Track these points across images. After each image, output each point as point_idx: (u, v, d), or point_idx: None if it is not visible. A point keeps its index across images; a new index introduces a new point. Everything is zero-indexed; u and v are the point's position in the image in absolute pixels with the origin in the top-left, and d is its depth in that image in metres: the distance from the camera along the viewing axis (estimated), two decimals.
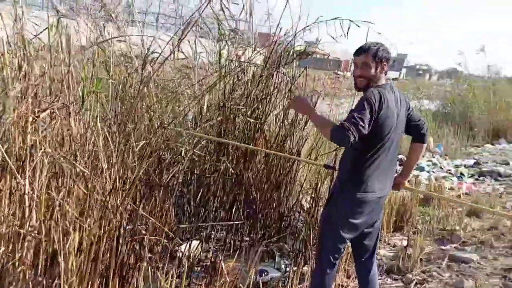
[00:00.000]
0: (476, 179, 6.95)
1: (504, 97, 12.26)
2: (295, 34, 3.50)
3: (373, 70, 2.39)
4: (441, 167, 7.55)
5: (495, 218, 4.74)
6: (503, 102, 12.17)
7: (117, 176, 2.71)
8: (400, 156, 6.24)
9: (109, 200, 2.25)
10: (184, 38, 2.45)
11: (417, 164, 5.02)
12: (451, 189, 6.05)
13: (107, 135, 2.77)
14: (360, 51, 2.42)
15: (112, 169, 2.63)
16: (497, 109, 11.91)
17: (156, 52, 2.79)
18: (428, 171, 7.03)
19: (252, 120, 3.56)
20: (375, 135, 2.31)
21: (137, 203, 3.17)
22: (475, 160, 8.21)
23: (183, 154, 3.38)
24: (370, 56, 2.39)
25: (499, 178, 6.99)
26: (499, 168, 7.45)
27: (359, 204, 2.43)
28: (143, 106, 3.36)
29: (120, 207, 2.42)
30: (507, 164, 8.08)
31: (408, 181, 2.90)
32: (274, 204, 3.84)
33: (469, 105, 11.93)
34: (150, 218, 3.06)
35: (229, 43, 3.85)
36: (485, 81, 13.21)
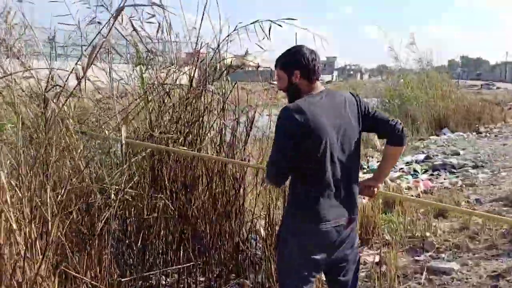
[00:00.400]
0: (431, 175, 7.14)
1: (439, 86, 12.94)
2: (218, 46, 3.38)
3: (285, 81, 2.27)
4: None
5: (464, 217, 4.72)
6: (439, 92, 12.84)
7: (33, 235, 2.42)
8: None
9: (22, 268, 1.95)
10: (90, 66, 2.23)
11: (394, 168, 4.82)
12: (408, 188, 6.15)
13: (17, 189, 2.48)
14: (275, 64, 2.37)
15: (26, 228, 2.34)
16: (435, 99, 12.54)
17: (58, 85, 2.54)
18: None
19: (184, 148, 3.36)
20: (305, 154, 2.13)
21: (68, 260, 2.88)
22: (425, 154, 8.48)
23: (112, 196, 3.10)
24: (278, 68, 2.32)
25: (454, 170, 7.22)
26: (451, 160, 7.73)
27: (313, 237, 2.20)
28: (61, 147, 3.09)
29: (41, 272, 2.12)
30: (458, 154, 8.42)
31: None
32: (227, 235, 3.65)
33: (408, 98, 12.45)
34: (83, 277, 2.77)
35: (148, 66, 3.67)
36: (419, 73, 13.89)
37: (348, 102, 2.26)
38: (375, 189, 2.47)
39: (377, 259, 3.87)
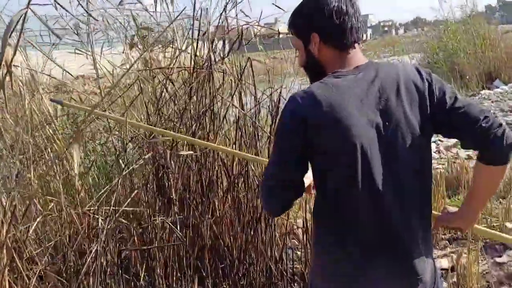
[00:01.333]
0: None
1: (487, 35, 11.35)
2: (225, 9, 2.42)
3: (302, 52, 1.35)
4: None
5: None
6: (487, 41, 11.27)
7: None
8: None
9: None
10: (4, 47, 1.35)
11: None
12: (469, 158, 4.99)
13: None
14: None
15: None
16: (483, 49, 11.02)
17: None
18: (434, 141, 6.00)
19: (190, 152, 2.45)
20: (319, 165, 1.27)
21: None
22: None
23: (100, 222, 2.28)
24: (294, 34, 1.37)
25: None
26: None
27: None
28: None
29: None
30: None
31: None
32: (257, 250, 2.77)
33: (454, 50, 10.98)
34: None
35: (141, 47, 2.78)
36: (463, 21, 12.24)
37: (404, 83, 1.26)
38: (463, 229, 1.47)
39: (446, 262, 2.91)
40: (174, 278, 2.59)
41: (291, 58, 3.69)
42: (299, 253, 3.07)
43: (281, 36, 3.56)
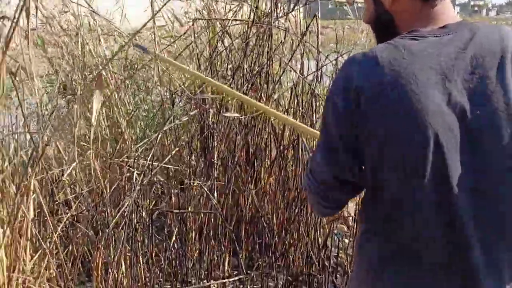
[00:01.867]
0: None
1: None
2: None
3: (371, 6, 1.00)
4: None
5: None
6: None
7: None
8: None
9: None
10: None
11: None
12: None
13: None
14: None
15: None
16: None
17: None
18: None
19: (236, 115, 2.21)
20: (375, 157, 0.90)
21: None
22: None
23: (135, 176, 2.14)
24: None
25: None
26: None
27: None
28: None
29: None
30: None
31: None
32: (299, 231, 2.55)
33: None
34: None
35: None
36: None
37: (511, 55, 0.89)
38: None
39: None
40: (208, 246, 2.44)
41: (366, 28, 3.35)
42: (346, 241, 2.81)
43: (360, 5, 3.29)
